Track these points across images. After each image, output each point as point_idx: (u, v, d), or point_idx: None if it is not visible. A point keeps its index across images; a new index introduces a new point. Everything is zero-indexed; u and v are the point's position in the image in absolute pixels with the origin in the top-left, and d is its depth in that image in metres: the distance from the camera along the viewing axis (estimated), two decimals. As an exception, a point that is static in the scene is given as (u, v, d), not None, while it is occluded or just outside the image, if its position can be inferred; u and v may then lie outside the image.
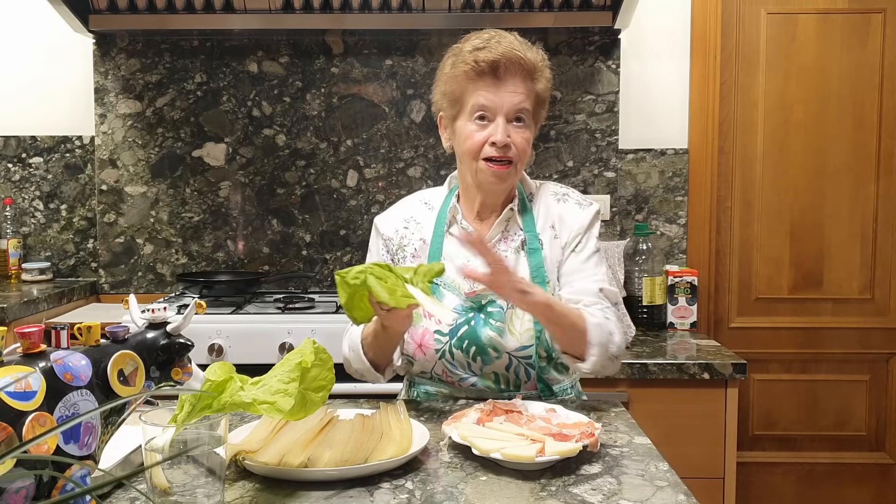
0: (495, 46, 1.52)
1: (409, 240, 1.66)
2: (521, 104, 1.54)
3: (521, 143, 1.55)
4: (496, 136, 1.52)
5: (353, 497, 1.11)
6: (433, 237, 1.64)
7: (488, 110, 1.53)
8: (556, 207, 1.65)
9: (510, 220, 1.64)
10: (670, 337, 2.51)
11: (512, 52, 1.52)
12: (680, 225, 2.83)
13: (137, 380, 1.02)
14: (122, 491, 1.12)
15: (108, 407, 0.97)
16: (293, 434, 1.26)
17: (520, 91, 1.53)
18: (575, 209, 1.65)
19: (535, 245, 1.61)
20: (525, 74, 1.54)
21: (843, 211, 2.84)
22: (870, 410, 2.88)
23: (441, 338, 1.57)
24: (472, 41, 1.56)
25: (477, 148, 1.55)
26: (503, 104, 1.53)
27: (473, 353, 1.55)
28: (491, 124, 1.54)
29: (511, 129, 1.54)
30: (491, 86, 1.53)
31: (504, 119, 1.53)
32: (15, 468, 0.85)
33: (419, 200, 1.72)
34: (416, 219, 1.68)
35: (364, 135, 2.80)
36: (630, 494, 1.12)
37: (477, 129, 1.55)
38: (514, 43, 1.54)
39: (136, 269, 2.84)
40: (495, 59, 1.51)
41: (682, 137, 2.82)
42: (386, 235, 1.68)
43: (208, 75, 2.79)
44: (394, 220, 1.69)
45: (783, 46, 2.81)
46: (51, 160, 2.88)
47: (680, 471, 1.22)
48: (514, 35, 1.58)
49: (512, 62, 1.52)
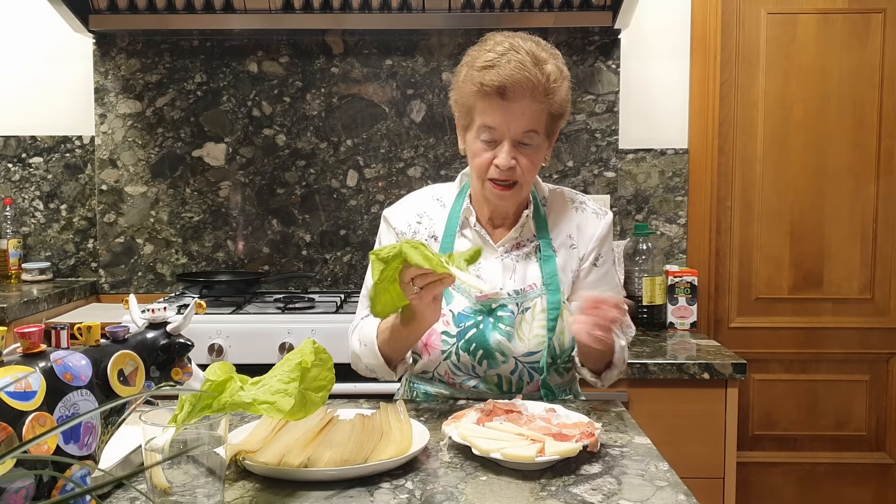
0: (504, 67, 1.46)
1: (421, 235, 1.63)
2: (528, 127, 1.49)
3: (527, 166, 1.51)
4: (500, 160, 1.49)
5: (353, 497, 1.11)
6: (444, 236, 1.62)
7: (495, 132, 1.50)
8: (573, 216, 1.64)
9: (524, 227, 1.62)
10: (670, 337, 2.51)
11: (521, 73, 1.45)
12: (680, 225, 2.83)
13: (137, 380, 1.02)
14: (122, 491, 1.12)
15: (108, 407, 0.97)
16: (293, 434, 1.25)
17: (528, 113, 1.48)
18: (592, 219, 1.64)
19: (548, 252, 1.59)
20: (535, 94, 1.48)
21: (843, 211, 2.84)
22: (870, 410, 2.88)
23: (448, 339, 1.55)
24: (486, 54, 1.49)
25: (483, 168, 1.53)
26: (510, 128, 1.48)
27: (480, 357, 1.54)
28: (497, 146, 1.50)
29: (518, 152, 1.50)
30: (498, 108, 1.48)
31: (510, 143, 1.49)
32: (15, 468, 0.85)
33: (431, 196, 1.69)
34: (430, 214, 1.65)
35: (364, 135, 2.80)
36: (630, 494, 1.12)
37: (483, 149, 1.52)
38: (525, 61, 1.46)
39: (136, 269, 2.84)
40: (501, 84, 1.46)
41: (682, 137, 2.82)
42: (398, 229, 1.64)
43: (208, 75, 2.79)
44: (406, 214, 1.66)
45: (783, 46, 2.81)
46: (51, 160, 2.88)
47: (680, 471, 1.22)
48: (534, 44, 1.51)
49: (519, 84, 1.46)
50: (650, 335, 2.52)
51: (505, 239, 1.61)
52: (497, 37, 1.53)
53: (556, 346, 1.55)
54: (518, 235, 1.62)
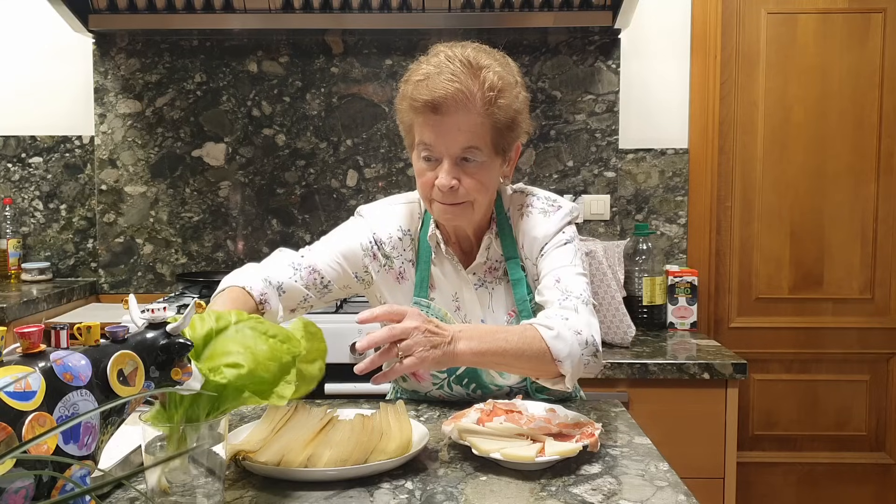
0: (434, 79, 1.34)
1: (399, 252, 1.53)
2: (467, 143, 1.36)
3: (472, 185, 1.38)
4: (440, 179, 1.37)
5: (353, 497, 1.11)
6: (420, 264, 1.52)
7: (432, 150, 1.38)
8: (521, 225, 1.50)
9: (490, 248, 1.51)
10: (670, 337, 2.51)
11: (452, 84, 1.33)
12: (680, 225, 2.83)
13: (137, 380, 1.02)
14: (122, 491, 1.12)
15: (108, 407, 0.97)
16: (293, 434, 1.25)
17: (464, 128, 1.35)
18: (538, 220, 1.49)
19: (517, 275, 1.49)
20: (471, 107, 1.34)
21: (843, 211, 2.84)
22: (870, 410, 2.88)
23: (438, 374, 1.52)
24: (421, 68, 1.39)
25: (426, 189, 1.42)
26: (446, 146, 1.36)
27: (473, 388, 1.53)
28: (438, 164, 1.38)
29: (461, 171, 1.38)
30: (432, 125, 1.36)
31: (450, 161, 1.37)
32: (14, 468, 0.85)
33: (414, 216, 1.56)
34: (411, 235, 1.54)
35: (364, 134, 2.80)
36: (630, 494, 1.12)
37: (426, 168, 1.41)
38: (457, 72, 1.34)
39: (136, 269, 2.83)
40: (431, 99, 1.34)
41: (682, 137, 2.82)
42: (378, 237, 1.53)
43: (208, 75, 2.79)
44: (388, 225, 1.55)
45: (783, 46, 2.81)
46: (50, 160, 2.87)
47: (680, 471, 1.22)
48: (475, 50, 1.39)
49: (451, 97, 1.33)
50: (650, 335, 2.52)
51: (473, 266, 1.51)
52: (438, 47, 1.42)
53: None
54: (486, 259, 1.51)
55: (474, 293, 1.52)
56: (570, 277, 1.43)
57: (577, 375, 1.36)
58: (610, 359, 2.19)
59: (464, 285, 1.53)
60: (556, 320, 1.35)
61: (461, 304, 1.53)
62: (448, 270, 1.53)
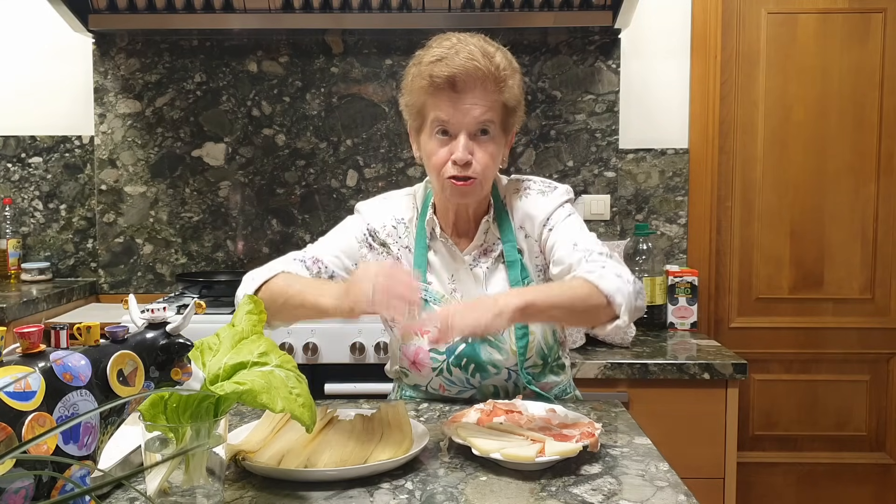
0: (452, 59, 1.43)
1: (394, 240, 1.60)
2: (482, 117, 1.45)
3: (484, 160, 1.46)
4: (457, 153, 1.44)
5: (353, 497, 1.11)
6: (416, 249, 1.58)
7: (449, 125, 1.46)
8: (520, 205, 1.57)
9: (488, 232, 1.57)
10: (670, 337, 2.51)
11: (471, 62, 1.43)
12: (680, 225, 2.83)
13: (137, 380, 1.02)
14: (122, 491, 1.12)
15: (108, 407, 0.97)
16: (293, 434, 1.25)
17: (481, 103, 1.44)
18: (538, 200, 1.57)
19: (513, 256, 1.54)
20: (487, 85, 1.44)
21: (843, 211, 2.84)
22: (870, 410, 2.88)
23: (437, 356, 1.53)
24: (433, 50, 1.47)
25: (440, 165, 1.48)
26: (464, 119, 1.44)
27: (473, 370, 1.53)
28: (453, 140, 1.46)
29: (475, 145, 1.46)
30: (450, 100, 1.44)
31: (466, 135, 1.45)
32: (14, 468, 0.85)
33: (411, 204, 1.64)
34: (406, 223, 1.61)
35: (364, 134, 2.80)
36: (630, 495, 1.12)
37: (439, 145, 1.48)
38: (474, 52, 1.44)
39: (136, 269, 2.83)
40: (451, 74, 1.43)
41: (682, 137, 2.82)
42: (371, 227, 1.61)
43: (208, 75, 2.79)
44: (382, 215, 1.62)
45: (783, 46, 2.81)
46: (50, 160, 2.87)
47: (680, 471, 1.22)
48: (481, 39, 1.49)
49: (470, 74, 1.43)
50: (650, 335, 2.52)
51: (470, 247, 1.57)
52: (443, 35, 1.51)
53: (543, 346, 1.54)
54: (483, 242, 1.57)
55: (470, 274, 1.57)
56: (586, 240, 1.50)
57: (630, 310, 1.37)
58: (610, 359, 2.19)
59: (460, 267, 1.58)
60: (594, 266, 1.40)
61: (457, 286, 1.57)
62: (444, 254, 1.58)
